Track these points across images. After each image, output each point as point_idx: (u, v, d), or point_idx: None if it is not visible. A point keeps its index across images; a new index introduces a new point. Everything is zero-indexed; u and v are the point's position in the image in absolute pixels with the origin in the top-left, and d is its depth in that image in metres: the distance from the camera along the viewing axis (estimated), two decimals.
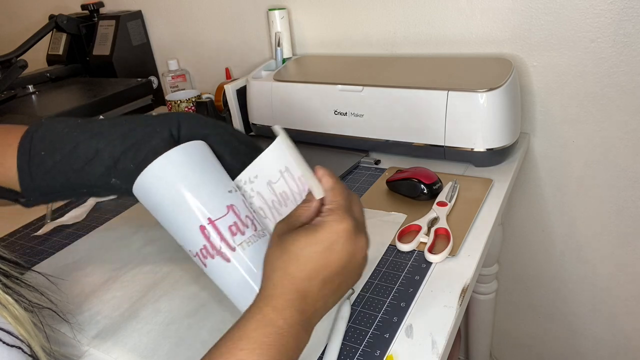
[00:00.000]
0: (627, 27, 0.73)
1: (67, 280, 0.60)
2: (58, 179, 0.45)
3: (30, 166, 0.45)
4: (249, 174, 0.45)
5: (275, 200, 0.46)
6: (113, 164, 0.44)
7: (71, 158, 0.44)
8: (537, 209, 0.95)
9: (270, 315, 0.34)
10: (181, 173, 0.42)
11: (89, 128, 0.45)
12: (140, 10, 1.23)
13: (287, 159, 0.44)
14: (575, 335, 1.05)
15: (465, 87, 0.70)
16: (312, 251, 0.35)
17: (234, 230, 0.42)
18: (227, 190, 0.44)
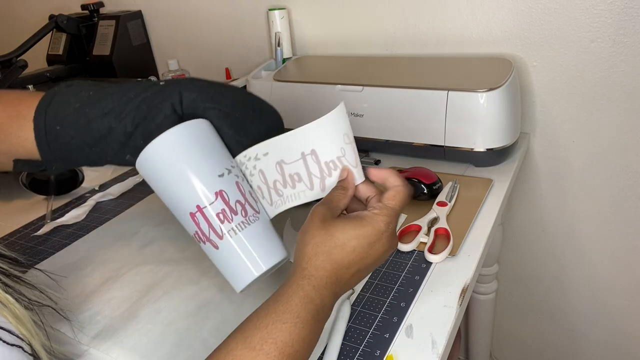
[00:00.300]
0: (627, 27, 0.73)
1: (67, 279, 0.60)
2: (76, 152, 0.46)
3: (48, 140, 0.45)
4: (258, 150, 0.44)
5: (279, 180, 0.45)
6: (125, 141, 0.44)
7: (85, 135, 0.45)
8: (537, 209, 0.95)
9: (312, 294, 0.37)
10: (172, 158, 0.42)
11: (100, 104, 0.45)
12: (140, 10, 1.23)
13: (319, 141, 0.43)
14: (575, 335, 1.05)
15: (465, 87, 0.70)
16: (357, 244, 0.39)
17: (222, 217, 0.42)
18: (218, 175, 0.43)
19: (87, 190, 0.84)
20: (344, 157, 0.43)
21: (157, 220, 0.72)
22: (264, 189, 0.46)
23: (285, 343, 0.34)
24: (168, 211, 0.76)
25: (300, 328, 0.35)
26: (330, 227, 0.39)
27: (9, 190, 0.87)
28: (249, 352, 0.33)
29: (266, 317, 0.35)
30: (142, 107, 0.44)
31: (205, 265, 0.60)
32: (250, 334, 0.34)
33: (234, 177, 0.44)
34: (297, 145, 0.43)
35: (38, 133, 0.45)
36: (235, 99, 0.45)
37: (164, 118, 0.43)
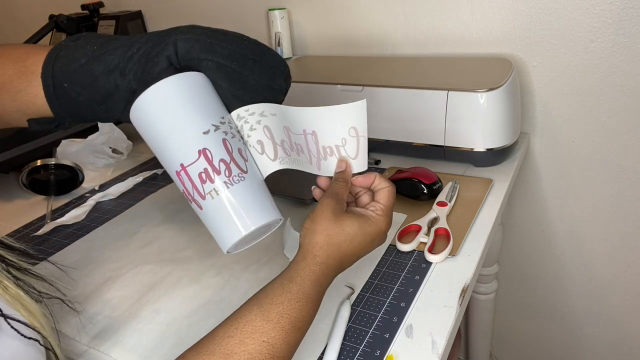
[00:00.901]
0: (627, 27, 0.73)
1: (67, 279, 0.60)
2: (85, 109, 0.46)
3: (57, 96, 0.46)
4: (266, 108, 0.44)
5: (286, 142, 0.45)
6: (130, 97, 0.44)
7: (93, 92, 0.45)
8: (537, 209, 0.95)
9: (321, 279, 0.41)
10: (157, 114, 0.41)
11: (106, 60, 0.44)
12: (140, 10, 1.23)
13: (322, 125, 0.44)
14: (575, 335, 1.05)
15: (465, 87, 0.70)
16: (363, 240, 0.43)
17: (204, 177, 0.41)
18: (203, 132, 0.41)
19: (87, 190, 0.84)
20: (343, 147, 0.45)
21: (157, 220, 0.72)
22: (267, 143, 0.45)
23: (297, 318, 0.38)
24: (168, 211, 0.76)
25: (310, 306, 0.40)
26: (342, 221, 0.43)
27: (9, 190, 0.87)
28: (267, 323, 0.37)
29: (282, 295, 0.39)
30: (142, 61, 0.43)
31: (205, 265, 0.60)
32: (268, 308, 0.38)
33: (220, 134, 0.42)
34: (302, 122, 0.44)
35: (47, 90, 0.46)
36: (232, 48, 0.42)
37: (161, 71, 0.42)
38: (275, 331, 0.37)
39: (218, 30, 0.44)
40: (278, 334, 0.37)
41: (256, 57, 0.43)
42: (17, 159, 0.85)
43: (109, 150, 0.94)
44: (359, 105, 0.43)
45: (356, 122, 0.44)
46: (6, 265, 0.38)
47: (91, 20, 1.22)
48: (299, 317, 0.38)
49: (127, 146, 0.95)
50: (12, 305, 0.35)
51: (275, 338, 0.37)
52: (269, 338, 0.36)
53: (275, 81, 0.45)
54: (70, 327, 0.52)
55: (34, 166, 0.80)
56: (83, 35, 0.48)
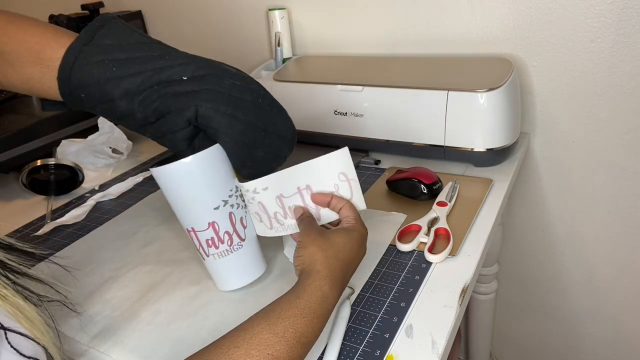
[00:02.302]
0: (627, 27, 0.73)
1: (67, 279, 0.59)
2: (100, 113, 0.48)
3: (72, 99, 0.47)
4: (257, 184, 0.49)
5: (279, 212, 0.50)
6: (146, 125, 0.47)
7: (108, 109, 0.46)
8: (537, 209, 0.95)
9: (327, 293, 0.42)
10: (179, 185, 0.47)
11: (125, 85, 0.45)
12: (140, 10, 1.23)
13: (313, 177, 0.49)
14: (575, 335, 1.05)
15: (465, 87, 0.70)
16: (352, 246, 0.46)
17: (210, 243, 0.50)
18: (214, 207, 0.48)
19: (87, 190, 0.84)
20: (337, 192, 0.50)
21: (157, 220, 0.72)
22: (263, 216, 0.51)
23: (302, 334, 0.39)
24: (168, 211, 0.76)
25: (315, 322, 0.40)
26: (329, 236, 0.46)
27: (9, 190, 0.87)
28: (273, 337, 0.38)
29: (289, 310, 0.40)
30: (166, 102, 0.45)
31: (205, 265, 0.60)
32: (275, 322, 0.39)
33: (228, 208, 0.49)
34: (294, 180, 0.49)
35: (63, 92, 0.46)
36: (248, 121, 0.45)
37: (179, 130, 0.46)
38: (281, 345, 0.38)
39: (237, 87, 0.46)
40: (283, 348, 0.38)
41: (268, 128, 0.47)
42: (17, 159, 0.85)
43: (109, 150, 0.94)
44: (343, 152, 0.48)
45: (343, 167, 0.48)
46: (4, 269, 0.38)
47: (91, 20, 1.22)
48: (304, 332, 0.39)
49: (127, 146, 0.95)
50: (12, 316, 0.35)
51: (280, 351, 0.37)
52: (274, 351, 0.37)
53: (282, 151, 0.49)
54: (70, 327, 0.52)
55: (34, 166, 0.80)
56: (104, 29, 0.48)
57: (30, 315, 0.36)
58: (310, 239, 0.46)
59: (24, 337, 0.35)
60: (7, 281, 0.37)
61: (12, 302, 0.36)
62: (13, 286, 0.37)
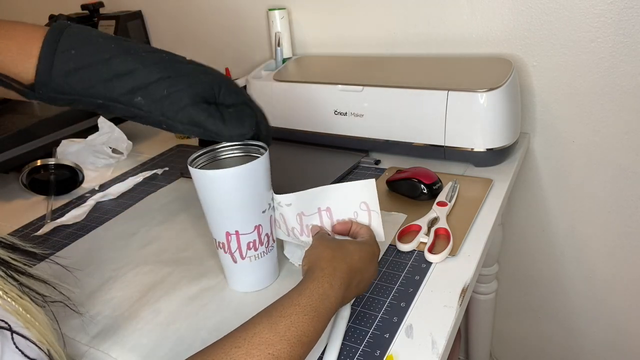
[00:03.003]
0: (627, 27, 0.73)
1: (67, 279, 0.59)
2: (80, 81, 0.45)
3: (54, 59, 0.45)
4: (282, 199, 0.51)
5: (296, 228, 0.52)
6: (144, 86, 0.46)
7: (103, 67, 0.45)
8: (537, 209, 0.95)
9: (329, 292, 0.42)
10: (232, 189, 0.47)
11: (125, 46, 0.46)
12: (140, 10, 1.23)
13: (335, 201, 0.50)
14: (575, 335, 1.05)
15: (465, 87, 0.70)
16: (363, 256, 0.46)
17: (251, 245, 0.51)
18: (262, 211, 0.50)
19: (87, 190, 0.84)
20: (356, 219, 0.51)
21: (157, 220, 0.72)
22: (282, 225, 0.53)
23: (304, 333, 0.39)
24: (168, 211, 0.76)
25: (317, 321, 0.40)
26: (340, 242, 0.47)
27: (9, 190, 0.87)
28: (274, 336, 0.37)
29: (290, 308, 0.40)
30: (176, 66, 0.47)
31: (205, 265, 0.60)
32: (276, 320, 0.39)
33: (270, 212, 0.51)
34: (317, 201, 0.50)
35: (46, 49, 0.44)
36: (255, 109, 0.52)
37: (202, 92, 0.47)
38: (282, 344, 0.37)
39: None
40: (284, 347, 0.37)
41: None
42: (17, 159, 0.85)
43: (109, 150, 0.94)
44: (369, 183, 0.49)
45: (366, 197, 0.50)
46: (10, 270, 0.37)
47: (91, 20, 1.22)
48: (306, 331, 0.39)
49: (127, 146, 0.95)
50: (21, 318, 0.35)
51: (281, 351, 0.37)
52: (275, 351, 0.37)
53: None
54: (70, 328, 0.52)
55: (34, 166, 0.80)
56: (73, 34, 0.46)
57: (39, 319, 0.36)
58: (321, 241, 0.47)
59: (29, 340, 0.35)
60: (14, 283, 0.37)
61: (21, 304, 0.36)
62: (19, 287, 0.37)
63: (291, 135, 0.88)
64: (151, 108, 0.47)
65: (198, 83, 0.47)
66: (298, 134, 0.86)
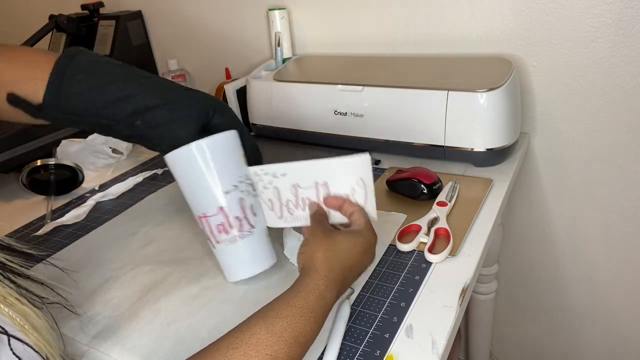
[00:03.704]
0: (627, 27, 0.73)
1: (67, 280, 0.60)
2: (85, 103, 0.49)
3: (62, 83, 0.48)
4: (277, 169, 0.50)
5: (291, 201, 0.51)
6: (143, 110, 0.49)
7: (107, 90, 0.48)
8: (537, 209, 0.95)
9: (325, 293, 0.42)
10: (191, 169, 0.48)
11: (129, 72, 0.49)
12: (140, 10, 1.23)
13: (333, 176, 0.49)
14: (575, 335, 1.05)
15: (465, 87, 0.70)
16: (356, 251, 0.46)
17: (221, 229, 0.50)
18: (224, 192, 0.49)
19: (87, 190, 0.84)
20: (353, 195, 0.50)
21: (157, 220, 0.72)
22: (275, 203, 0.52)
23: (300, 333, 0.39)
24: (168, 211, 0.76)
25: (313, 322, 0.40)
26: (334, 236, 0.46)
27: (9, 190, 0.87)
28: (271, 337, 0.38)
29: (287, 309, 0.40)
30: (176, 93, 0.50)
31: (205, 265, 0.60)
32: (273, 322, 0.39)
33: (238, 194, 0.50)
34: (314, 174, 0.50)
35: (55, 74, 0.48)
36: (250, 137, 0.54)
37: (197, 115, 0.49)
38: (279, 345, 0.38)
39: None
40: (281, 348, 0.38)
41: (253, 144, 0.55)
42: (17, 159, 0.85)
43: (109, 150, 0.94)
44: (365, 158, 0.48)
45: (363, 173, 0.49)
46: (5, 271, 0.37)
47: (91, 20, 1.22)
48: (302, 331, 0.39)
49: (127, 146, 0.95)
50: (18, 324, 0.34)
51: (278, 351, 0.37)
52: (272, 351, 0.37)
53: None
54: (70, 328, 0.52)
55: (34, 166, 0.80)
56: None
57: (37, 323, 0.36)
58: (315, 238, 0.46)
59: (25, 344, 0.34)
60: (11, 285, 0.36)
61: (19, 310, 0.35)
62: (17, 289, 0.37)
63: (291, 135, 0.88)
64: (151, 134, 0.49)
65: (193, 111, 0.49)
66: (298, 134, 0.86)
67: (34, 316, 0.36)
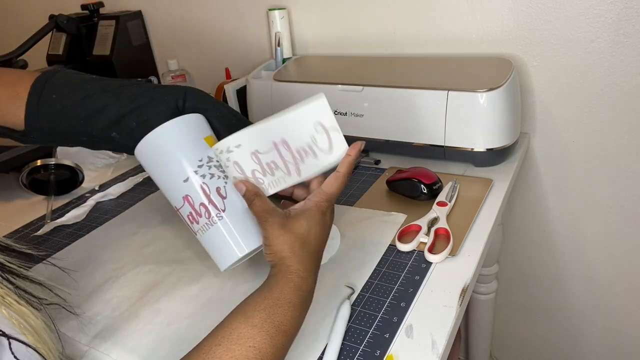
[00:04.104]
0: (627, 27, 0.73)
1: (67, 280, 0.60)
2: (63, 123, 0.49)
3: (39, 106, 0.49)
4: (229, 142, 0.47)
5: (257, 170, 0.48)
6: (118, 120, 0.48)
7: (80, 107, 0.48)
8: (537, 209, 0.95)
9: (300, 283, 0.42)
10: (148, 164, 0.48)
11: (102, 84, 0.50)
12: (140, 10, 1.23)
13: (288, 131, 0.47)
14: (575, 335, 1.05)
15: (465, 87, 0.70)
16: (317, 230, 0.45)
17: (191, 219, 0.47)
18: (183, 180, 0.47)
19: (87, 190, 0.84)
20: (315, 144, 0.47)
21: (157, 220, 0.72)
22: (242, 178, 0.48)
23: (281, 322, 0.40)
24: (168, 211, 0.76)
25: (293, 310, 0.41)
26: (291, 227, 0.44)
27: (9, 190, 0.87)
28: (251, 329, 0.38)
29: (264, 302, 0.40)
30: (146, 94, 0.49)
31: (205, 265, 0.60)
32: (252, 314, 0.39)
33: (198, 179, 0.47)
34: (269, 135, 0.47)
35: (32, 97, 0.48)
36: (228, 109, 0.51)
37: (166, 108, 0.48)
38: (261, 336, 0.38)
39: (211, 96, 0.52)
40: (263, 338, 0.38)
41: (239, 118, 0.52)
42: (17, 159, 0.85)
43: (109, 151, 0.94)
44: (320, 101, 0.46)
45: (320, 116, 0.46)
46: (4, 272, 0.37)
47: (91, 20, 1.22)
48: (283, 321, 0.40)
49: None
50: (17, 324, 0.34)
51: (261, 342, 0.38)
52: (255, 342, 0.38)
53: None
54: (70, 328, 0.52)
55: (34, 166, 0.80)
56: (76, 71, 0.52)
57: (34, 323, 0.36)
58: (273, 236, 0.44)
59: (27, 346, 0.34)
60: (10, 286, 0.36)
61: (17, 310, 0.35)
62: (16, 290, 0.37)
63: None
64: (127, 141, 0.49)
65: (162, 106, 0.48)
66: None
67: (32, 317, 0.36)
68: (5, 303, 0.35)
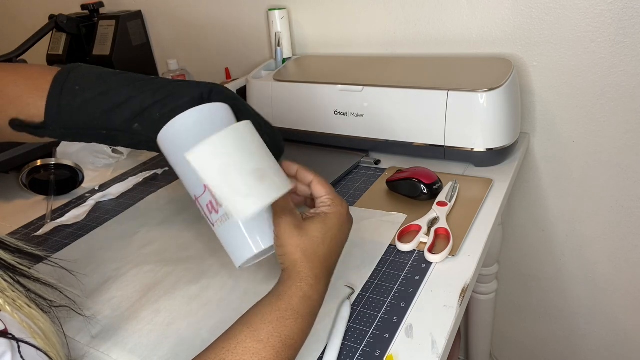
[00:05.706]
0: (627, 27, 0.73)
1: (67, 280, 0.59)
2: (84, 115, 0.48)
3: (61, 97, 0.48)
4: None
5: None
6: (140, 112, 0.48)
7: (103, 99, 0.48)
8: (537, 209, 0.95)
9: (309, 292, 0.41)
10: (173, 148, 0.45)
11: (125, 77, 0.49)
12: (140, 10, 1.23)
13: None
14: (575, 335, 1.05)
15: (465, 87, 0.70)
16: (332, 235, 0.44)
17: (210, 208, 0.45)
18: None
19: (87, 190, 0.84)
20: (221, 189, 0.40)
21: (157, 220, 0.72)
22: None
23: (288, 336, 0.38)
24: (168, 211, 0.76)
25: (300, 323, 0.39)
26: (306, 230, 0.43)
27: (9, 190, 0.87)
28: (258, 344, 0.37)
29: (271, 314, 0.39)
30: (169, 87, 0.48)
31: (205, 265, 0.60)
32: (258, 327, 0.38)
33: None
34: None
35: (53, 90, 0.48)
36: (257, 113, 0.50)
37: (191, 99, 0.47)
38: (267, 351, 0.37)
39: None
40: (269, 354, 0.37)
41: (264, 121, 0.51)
42: (17, 159, 0.85)
43: (109, 150, 0.94)
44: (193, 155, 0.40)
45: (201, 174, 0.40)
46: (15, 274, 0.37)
47: (91, 20, 1.22)
48: (290, 334, 0.38)
49: None
50: (26, 327, 0.34)
51: (267, 358, 0.37)
52: (261, 358, 0.37)
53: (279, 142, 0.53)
54: (70, 328, 0.52)
55: (34, 166, 0.80)
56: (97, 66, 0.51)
57: (44, 327, 0.36)
58: (287, 236, 0.43)
59: (36, 349, 0.34)
60: (21, 289, 0.36)
61: (27, 313, 0.35)
62: (26, 293, 0.37)
63: (291, 135, 0.88)
64: (149, 132, 0.48)
65: (186, 98, 0.47)
66: (298, 134, 0.86)
67: (42, 320, 0.36)
68: (16, 306, 0.35)
